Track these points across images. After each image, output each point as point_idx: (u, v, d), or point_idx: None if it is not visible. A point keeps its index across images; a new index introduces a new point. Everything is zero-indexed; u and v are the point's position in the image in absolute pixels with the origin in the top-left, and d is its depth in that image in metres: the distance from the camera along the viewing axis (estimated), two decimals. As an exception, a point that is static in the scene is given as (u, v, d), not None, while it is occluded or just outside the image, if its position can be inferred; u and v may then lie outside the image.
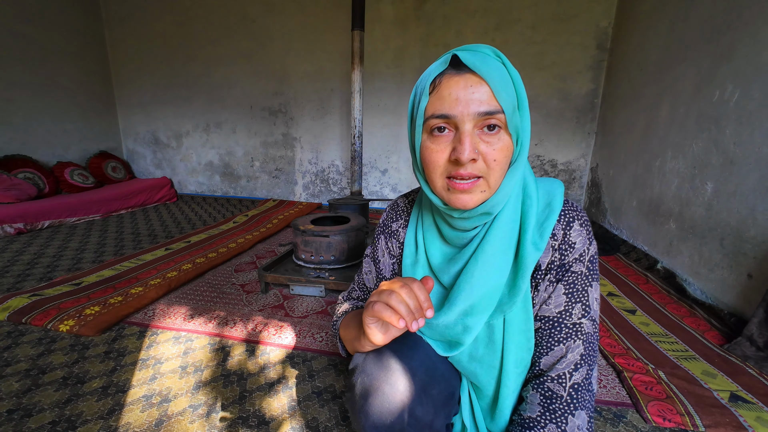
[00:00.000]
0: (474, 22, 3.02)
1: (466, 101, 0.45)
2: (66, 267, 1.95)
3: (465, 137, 0.46)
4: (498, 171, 0.48)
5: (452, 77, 0.46)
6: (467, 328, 0.55)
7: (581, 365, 0.52)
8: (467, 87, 0.45)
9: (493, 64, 0.46)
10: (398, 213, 0.70)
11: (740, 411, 0.98)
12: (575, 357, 0.52)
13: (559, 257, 0.54)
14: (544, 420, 0.51)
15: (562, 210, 0.54)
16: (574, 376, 0.52)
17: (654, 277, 1.91)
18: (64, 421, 0.92)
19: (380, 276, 0.72)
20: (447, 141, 0.48)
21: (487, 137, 0.47)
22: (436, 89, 0.47)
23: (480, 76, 0.45)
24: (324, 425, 0.93)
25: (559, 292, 0.53)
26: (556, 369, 0.53)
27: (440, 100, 0.47)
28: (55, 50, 3.34)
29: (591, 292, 0.54)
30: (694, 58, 1.81)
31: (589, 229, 0.54)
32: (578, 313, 0.53)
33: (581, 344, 0.53)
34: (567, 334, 0.53)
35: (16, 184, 2.79)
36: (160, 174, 4.15)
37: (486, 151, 0.47)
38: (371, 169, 3.56)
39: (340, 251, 1.71)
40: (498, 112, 0.45)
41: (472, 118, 0.45)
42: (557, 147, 3.18)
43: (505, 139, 0.47)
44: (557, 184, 0.57)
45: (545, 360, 0.54)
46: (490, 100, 0.45)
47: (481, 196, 0.49)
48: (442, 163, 0.49)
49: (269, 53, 3.49)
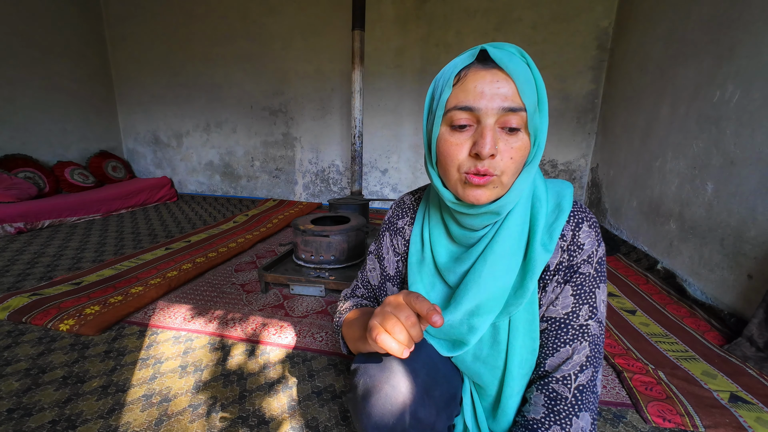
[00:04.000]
0: (474, 22, 3.02)
1: (491, 95, 0.45)
2: (66, 266, 1.95)
3: (487, 131, 0.46)
4: (513, 170, 0.48)
5: (479, 71, 0.46)
6: (473, 329, 0.55)
7: (587, 367, 0.52)
8: (493, 81, 0.45)
9: (518, 63, 0.46)
10: (404, 210, 0.69)
11: (740, 411, 0.98)
12: (581, 358, 0.52)
13: (567, 258, 0.54)
14: (548, 421, 0.51)
15: (572, 211, 0.54)
16: (580, 378, 0.51)
17: (654, 277, 1.91)
18: (64, 420, 0.92)
19: (384, 273, 0.71)
20: (467, 136, 0.48)
21: (506, 135, 0.47)
22: (461, 81, 0.47)
23: (506, 73, 0.45)
24: (324, 425, 0.93)
25: (567, 294, 0.53)
26: (562, 370, 0.52)
27: (465, 92, 0.46)
28: (55, 50, 3.34)
29: (598, 293, 0.53)
30: (694, 58, 1.81)
31: (597, 231, 0.54)
32: (585, 314, 0.53)
33: (587, 345, 0.52)
34: (573, 336, 0.53)
35: (17, 183, 2.79)
36: (160, 173, 4.15)
37: (504, 149, 0.47)
38: (371, 169, 3.56)
39: (340, 251, 1.71)
40: (521, 110, 0.45)
41: (495, 112, 0.45)
42: (557, 147, 3.17)
43: (524, 139, 0.47)
44: (566, 185, 0.57)
45: (551, 361, 0.54)
46: (515, 97, 0.45)
47: (493, 193, 0.49)
48: (460, 157, 0.49)
49: (269, 53, 3.49)
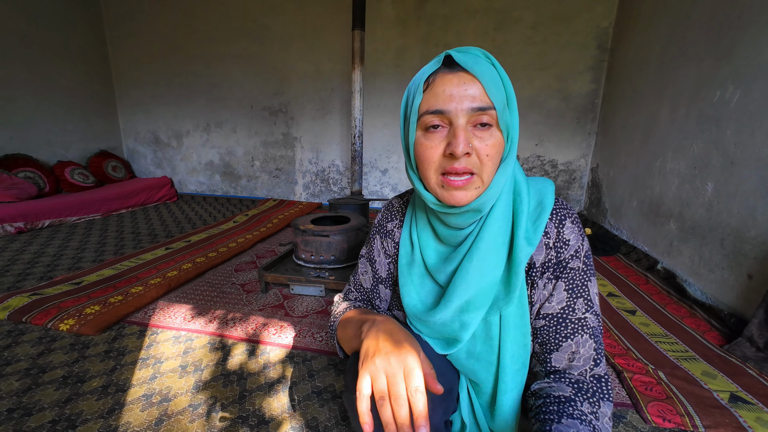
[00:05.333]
0: (474, 22, 3.02)
1: (459, 97, 0.47)
2: (66, 266, 1.95)
3: (459, 131, 0.47)
4: (490, 166, 0.49)
5: (446, 75, 0.48)
6: (464, 325, 0.56)
7: (599, 360, 0.54)
8: (461, 84, 0.47)
9: (483, 64, 0.48)
10: (393, 213, 0.71)
11: (740, 411, 0.98)
12: (588, 351, 0.53)
13: (555, 255, 0.55)
14: (578, 399, 0.50)
15: (554, 208, 0.56)
16: (596, 370, 0.53)
17: (654, 277, 1.91)
18: (64, 420, 0.92)
19: (376, 276, 0.72)
20: (441, 137, 0.50)
21: (479, 133, 0.48)
22: (430, 87, 0.49)
23: (472, 75, 0.47)
24: (324, 425, 0.93)
25: (560, 289, 0.55)
26: (575, 367, 0.54)
27: (434, 97, 0.48)
28: (55, 50, 3.34)
29: (591, 287, 0.55)
30: (694, 58, 1.81)
31: (580, 227, 0.56)
32: (581, 308, 0.54)
33: (590, 339, 0.54)
34: (573, 330, 0.54)
35: (17, 183, 2.79)
36: (160, 173, 4.15)
37: (479, 147, 0.48)
38: (371, 169, 3.56)
39: (340, 251, 1.71)
40: (490, 108, 0.47)
41: (465, 113, 0.47)
42: (558, 147, 3.17)
43: (496, 135, 0.49)
44: (548, 182, 0.59)
45: (556, 356, 0.55)
46: (483, 97, 0.47)
47: (475, 192, 0.50)
48: (436, 159, 0.50)
49: (270, 53, 3.49)
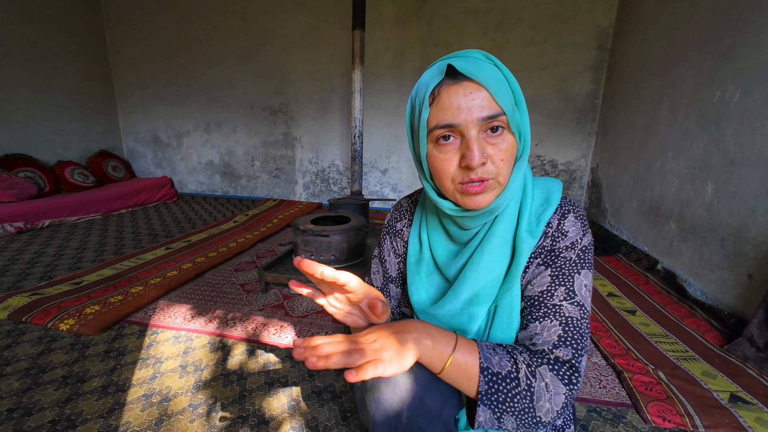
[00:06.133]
0: (475, 22, 3.02)
1: (468, 108, 0.46)
2: (66, 266, 1.95)
3: (473, 143, 0.47)
4: (506, 169, 0.49)
5: (451, 87, 0.47)
6: (472, 317, 0.57)
7: (560, 345, 0.50)
8: (467, 94, 0.46)
9: (487, 68, 0.47)
10: (402, 213, 0.72)
11: (740, 412, 0.98)
12: (551, 336, 0.50)
13: (550, 243, 0.55)
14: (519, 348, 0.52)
15: (560, 205, 0.56)
16: (555, 352, 0.50)
17: (654, 277, 1.91)
18: (64, 419, 0.92)
19: (387, 275, 0.72)
20: (454, 148, 0.49)
21: (492, 139, 0.48)
22: (436, 100, 0.48)
23: (477, 82, 0.46)
24: (324, 425, 0.93)
25: (545, 274, 0.54)
26: (536, 345, 0.51)
27: (442, 111, 0.47)
28: (55, 50, 3.34)
29: (578, 278, 0.53)
30: (694, 58, 1.81)
31: (584, 223, 0.56)
32: (560, 295, 0.52)
33: (558, 326, 0.51)
34: (544, 314, 0.52)
35: (17, 183, 2.79)
36: (160, 173, 4.15)
37: (493, 153, 0.48)
38: (371, 169, 3.56)
39: (340, 251, 1.71)
40: (500, 114, 0.47)
41: (476, 123, 0.46)
42: (558, 147, 3.17)
43: (509, 139, 0.49)
44: (556, 182, 0.59)
45: (521, 334, 0.54)
46: (491, 104, 0.46)
47: (493, 194, 0.50)
48: (452, 170, 0.50)
49: (270, 53, 3.49)
